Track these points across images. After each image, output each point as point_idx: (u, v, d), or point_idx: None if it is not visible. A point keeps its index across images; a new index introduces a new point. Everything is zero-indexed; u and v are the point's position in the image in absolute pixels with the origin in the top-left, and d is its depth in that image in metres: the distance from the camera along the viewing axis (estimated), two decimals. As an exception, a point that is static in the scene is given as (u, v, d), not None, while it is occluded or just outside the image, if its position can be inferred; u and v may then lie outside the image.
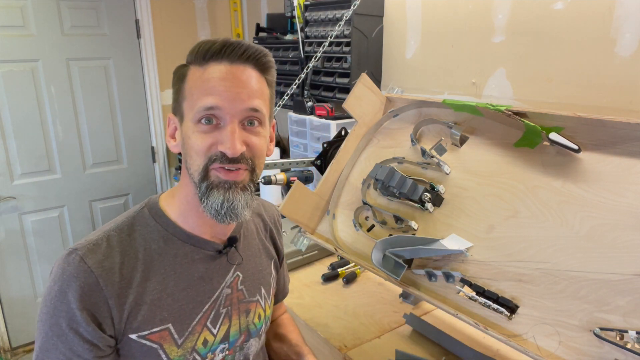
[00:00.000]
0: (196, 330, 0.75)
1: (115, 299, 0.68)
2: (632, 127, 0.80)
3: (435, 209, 1.07)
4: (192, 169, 0.70)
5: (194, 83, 0.69)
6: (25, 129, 2.41)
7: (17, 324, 2.60)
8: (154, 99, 2.79)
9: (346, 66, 1.87)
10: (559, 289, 0.82)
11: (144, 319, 0.70)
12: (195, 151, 0.69)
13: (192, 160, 0.70)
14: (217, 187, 0.69)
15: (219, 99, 0.67)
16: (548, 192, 0.90)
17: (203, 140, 0.68)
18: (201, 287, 0.76)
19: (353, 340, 1.20)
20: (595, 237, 0.81)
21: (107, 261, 0.69)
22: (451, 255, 0.98)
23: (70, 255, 0.69)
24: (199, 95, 0.68)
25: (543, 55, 1.35)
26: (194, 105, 0.68)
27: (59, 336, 0.67)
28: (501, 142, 1.02)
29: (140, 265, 0.71)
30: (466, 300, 0.93)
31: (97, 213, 2.76)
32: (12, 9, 2.27)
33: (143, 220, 0.75)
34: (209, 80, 0.68)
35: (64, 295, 0.67)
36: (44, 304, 0.69)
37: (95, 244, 0.70)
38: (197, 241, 0.76)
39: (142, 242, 0.73)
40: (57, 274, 0.69)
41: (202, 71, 0.69)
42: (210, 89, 0.67)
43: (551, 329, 0.81)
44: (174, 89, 0.74)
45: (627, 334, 0.72)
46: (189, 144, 0.70)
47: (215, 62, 0.69)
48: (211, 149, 0.68)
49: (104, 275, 0.68)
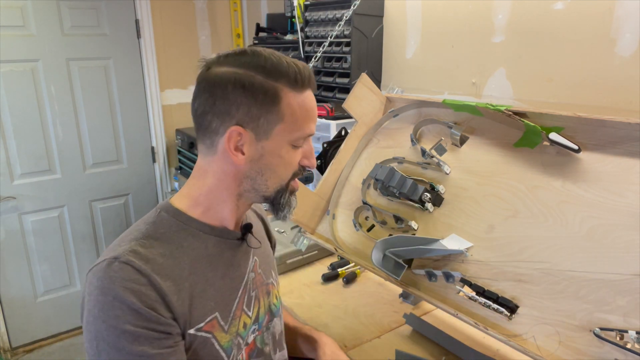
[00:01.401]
0: (236, 315, 0.80)
1: (172, 296, 0.69)
2: (632, 127, 0.80)
3: (435, 209, 1.08)
4: (270, 181, 0.76)
5: (296, 108, 0.73)
6: (25, 129, 2.41)
7: (17, 324, 2.60)
8: (154, 99, 2.79)
9: (346, 66, 1.87)
10: (559, 289, 0.82)
11: (197, 312, 0.73)
12: (286, 168, 0.77)
13: (274, 174, 0.76)
14: (293, 193, 0.81)
15: (314, 127, 0.77)
16: (548, 192, 0.90)
17: (294, 158, 0.77)
18: (233, 274, 0.81)
19: (353, 340, 1.20)
20: (595, 237, 0.81)
21: (151, 264, 0.69)
22: (451, 255, 0.98)
23: (113, 264, 0.67)
24: (303, 122, 0.74)
25: (543, 55, 1.35)
26: (297, 130, 0.74)
27: (132, 342, 0.65)
28: (501, 142, 1.02)
29: (180, 262, 0.73)
30: (466, 300, 0.93)
31: (97, 213, 2.76)
32: (12, 9, 2.27)
33: (165, 222, 0.76)
34: (311, 110, 0.76)
35: (121, 300, 0.65)
36: (99, 321, 0.66)
37: (131, 250, 0.69)
38: (220, 232, 0.79)
39: (173, 241, 0.74)
40: (104, 285, 0.66)
41: (302, 98, 0.74)
42: (312, 118, 0.76)
43: (551, 329, 0.81)
44: (254, 104, 0.71)
45: (627, 334, 0.72)
46: (276, 161, 0.75)
47: (308, 90, 0.75)
48: (295, 165, 0.78)
49: (155, 276, 0.68)
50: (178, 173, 2.86)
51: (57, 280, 2.69)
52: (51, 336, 2.73)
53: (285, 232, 1.73)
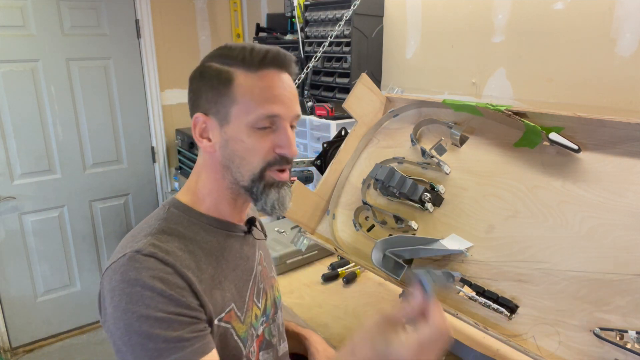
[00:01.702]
0: (249, 306, 0.81)
1: (197, 285, 0.69)
2: (632, 127, 0.80)
3: (435, 209, 1.07)
4: (244, 169, 0.74)
5: (250, 89, 0.72)
6: (25, 129, 2.41)
7: (17, 324, 2.60)
8: (154, 99, 2.79)
9: (346, 66, 1.87)
10: (559, 289, 0.82)
11: (218, 303, 0.73)
12: (252, 154, 0.73)
13: (244, 161, 0.74)
14: (272, 186, 0.76)
15: (280, 107, 0.72)
16: (548, 192, 0.90)
17: (261, 143, 0.73)
18: (244, 266, 0.82)
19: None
20: (595, 237, 0.81)
21: (172, 255, 0.69)
22: (451, 255, 0.98)
23: (136, 256, 0.67)
24: (260, 102, 0.72)
25: (543, 55, 1.35)
26: (253, 111, 0.72)
27: (166, 328, 0.63)
28: (501, 142, 1.02)
29: (196, 255, 0.73)
30: (466, 300, 0.93)
31: (97, 213, 2.76)
32: (12, 9, 2.27)
33: (175, 218, 0.77)
34: (270, 89, 0.72)
35: (150, 288, 0.64)
36: (128, 314, 0.64)
37: (150, 244, 0.69)
38: (228, 226, 0.81)
39: (186, 236, 0.75)
40: (129, 277, 0.65)
41: (256, 78, 0.72)
42: (272, 98, 0.72)
43: (551, 329, 0.81)
44: (214, 91, 0.73)
45: (627, 334, 0.72)
46: (240, 146, 0.73)
47: (267, 69, 0.73)
48: (270, 152, 0.74)
49: (179, 266, 0.68)
50: (178, 173, 2.86)
51: (57, 280, 2.69)
52: (51, 336, 2.73)
53: (285, 232, 1.73)
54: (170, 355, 0.63)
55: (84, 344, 2.73)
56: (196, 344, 0.66)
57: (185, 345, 0.64)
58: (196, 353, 0.65)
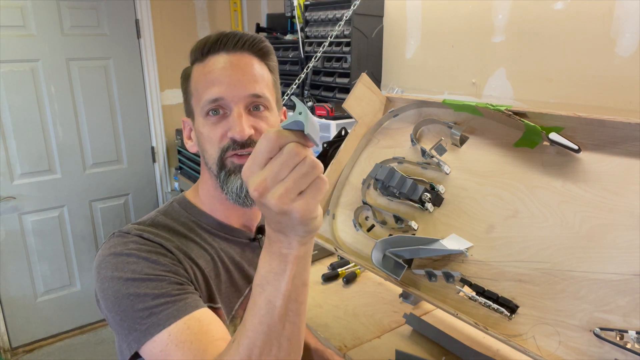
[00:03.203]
0: (238, 314, 0.78)
1: (185, 264, 0.69)
2: (632, 127, 0.80)
3: (435, 209, 1.07)
4: (209, 162, 0.73)
5: (197, 79, 0.72)
6: (25, 129, 2.41)
7: (17, 324, 2.60)
8: (154, 99, 2.79)
9: (346, 66, 1.87)
10: (559, 289, 0.82)
11: (203, 292, 0.71)
12: (210, 143, 0.71)
13: (207, 154, 0.73)
14: (234, 172, 0.71)
15: (221, 89, 0.69)
16: (548, 192, 0.90)
17: (214, 131, 0.70)
18: (238, 274, 0.80)
19: (353, 340, 1.20)
20: (595, 237, 0.81)
21: (160, 237, 0.69)
22: (451, 255, 0.98)
23: (123, 235, 0.68)
24: (203, 89, 0.70)
25: (543, 55, 1.35)
26: (200, 99, 0.71)
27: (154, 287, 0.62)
28: (501, 142, 1.02)
29: (187, 248, 0.72)
30: (466, 300, 0.93)
31: (97, 213, 2.76)
32: (12, 9, 2.27)
33: (176, 212, 0.77)
34: (210, 73, 0.70)
35: (136, 256, 0.64)
36: (115, 280, 0.62)
37: (140, 229, 0.70)
38: (228, 230, 0.79)
39: (180, 231, 0.74)
40: (117, 250, 0.65)
41: (203, 66, 0.72)
42: (213, 81, 0.69)
43: (551, 329, 0.81)
44: (182, 90, 0.77)
45: (627, 334, 0.72)
46: (202, 139, 0.73)
47: (214, 55, 0.71)
48: (223, 139, 0.70)
49: (167, 245, 0.68)
50: (178, 173, 2.86)
51: (57, 280, 2.69)
52: (51, 336, 2.73)
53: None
54: (162, 311, 0.61)
55: (84, 344, 2.73)
56: (187, 298, 0.63)
57: (175, 299, 0.62)
58: (189, 306, 0.62)
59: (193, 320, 0.61)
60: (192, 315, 0.61)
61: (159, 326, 0.60)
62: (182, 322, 0.60)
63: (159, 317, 0.60)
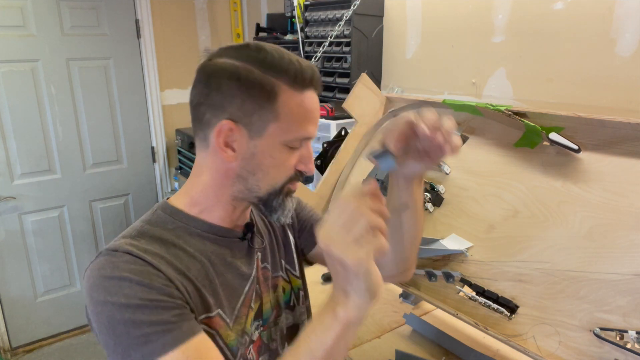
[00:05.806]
0: (242, 313, 0.78)
1: (177, 282, 0.67)
2: (632, 127, 0.80)
3: (435, 209, 1.07)
4: (262, 182, 0.73)
5: (292, 107, 0.70)
6: (25, 129, 2.41)
7: (17, 324, 2.60)
8: (154, 99, 2.79)
9: (346, 66, 1.87)
10: (559, 289, 0.82)
11: (197, 305, 0.70)
12: (277, 169, 0.73)
13: (267, 176, 0.73)
14: (289, 195, 0.77)
15: (314, 129, 0.75)
16: (548, 192, 0.90)
17: (290, 161, 0.73)
18: (232, 274, 0.79)
19: (353, 340, 1.20)
20: (595, 237, 0.81)
21: (149, 254, 0.67)
22: (451, 255, 0.98)
23: (113, 254, 0.66)
24: (301, 124, 0.71)
25: (543, 55, 1.35)
26: (293, 131, 0.71)
27: (149, 313, 0.61)
28: (501, 142, 1.02)
29: (177, 258, 0.71)
30: (466, 300, 0.93)
31: (97, 213, 2.76)
32: (12, 9, 2.27)
33: (161, 220, 0.75)
34: (310, 111, 0.73)
35: (128, 279, 0.62)
36: (108, 306, 0.61)
37: (126, 243, 0.68)
38: (219, 230, 0.78)
39: (168, 239, 0.73)
40: (107, 273, 0.64)
41: (301, 98, 0.71)
42: (311, 120, 0.73)
43: (551, 329, 0.81)
44: (249, 98, 0.68)
45: (627, 334, 0.72)
46: (268, 161, 0.72)
47: (309, 90, 0.73)
48: (293, 169, 0.74)
49: (155, 264, 0.66)
50: (178, 173, 2.86)
51: (57, 280, 2.69)
52: (51, 336, 2.73)
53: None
54: (158, 339, 0.60)
55: (84, 344, 2.73)
56: (183, 325, 0.62)
57: (171, 327, 0.61)
58: (185, 334, 0.62)
59: (191, 351, 0.61)
60: (189, 344, 0.62)
61: (155, 354, 0.60)
62: (180, 351, 0.60)
63: (154, 345, 0.60)
